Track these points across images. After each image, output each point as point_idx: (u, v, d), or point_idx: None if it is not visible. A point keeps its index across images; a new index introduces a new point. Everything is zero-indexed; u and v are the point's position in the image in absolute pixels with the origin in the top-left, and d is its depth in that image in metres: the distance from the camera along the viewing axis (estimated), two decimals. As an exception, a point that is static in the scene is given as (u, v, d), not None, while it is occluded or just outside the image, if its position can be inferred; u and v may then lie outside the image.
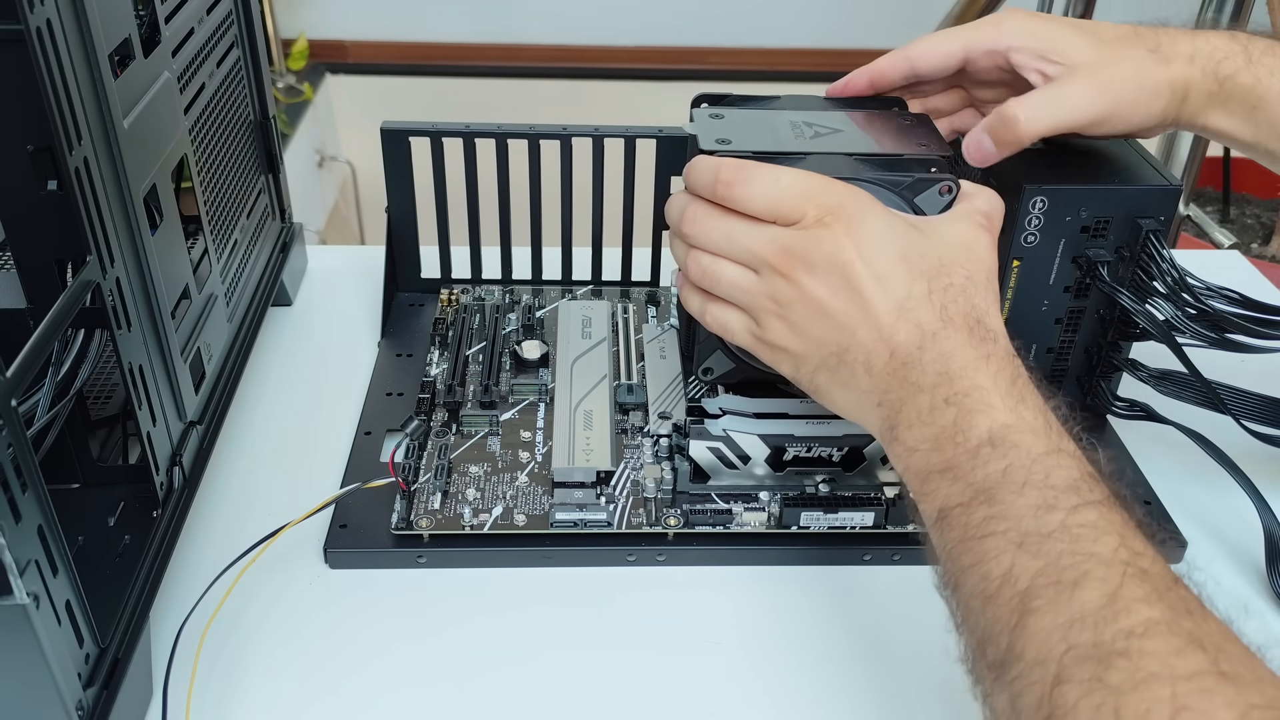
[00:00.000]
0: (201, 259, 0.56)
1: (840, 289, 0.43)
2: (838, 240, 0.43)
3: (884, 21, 2.22)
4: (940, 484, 0.40)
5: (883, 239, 0.44)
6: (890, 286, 0.43)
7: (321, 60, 2.25)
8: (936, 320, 0.43)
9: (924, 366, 0.42)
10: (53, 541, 0.37)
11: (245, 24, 0.64)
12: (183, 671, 0.46)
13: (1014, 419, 0.40)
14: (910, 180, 0.48)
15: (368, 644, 0.49)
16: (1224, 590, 0.53)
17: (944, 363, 0.42)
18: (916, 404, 0.42)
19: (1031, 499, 0.37)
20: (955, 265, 0.44)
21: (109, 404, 0.54)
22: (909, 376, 0.42)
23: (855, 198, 0.45)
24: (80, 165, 0.41)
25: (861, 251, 0.43)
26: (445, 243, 0.71)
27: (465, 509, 0.53)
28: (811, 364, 0.46)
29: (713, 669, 0.49)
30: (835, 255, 0.43)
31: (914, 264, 0.44)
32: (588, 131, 0.67)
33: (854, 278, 0.43)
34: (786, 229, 0.45)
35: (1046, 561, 0.35)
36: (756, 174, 0.45)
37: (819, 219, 0.44)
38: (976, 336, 0.42)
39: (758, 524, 0.54)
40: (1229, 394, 0.55)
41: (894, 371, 0.43)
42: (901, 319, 0.43)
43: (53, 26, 0.38)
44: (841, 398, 0.45)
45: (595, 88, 2.28)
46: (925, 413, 0.41)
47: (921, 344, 0.42)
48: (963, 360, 0.41)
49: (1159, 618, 0.33)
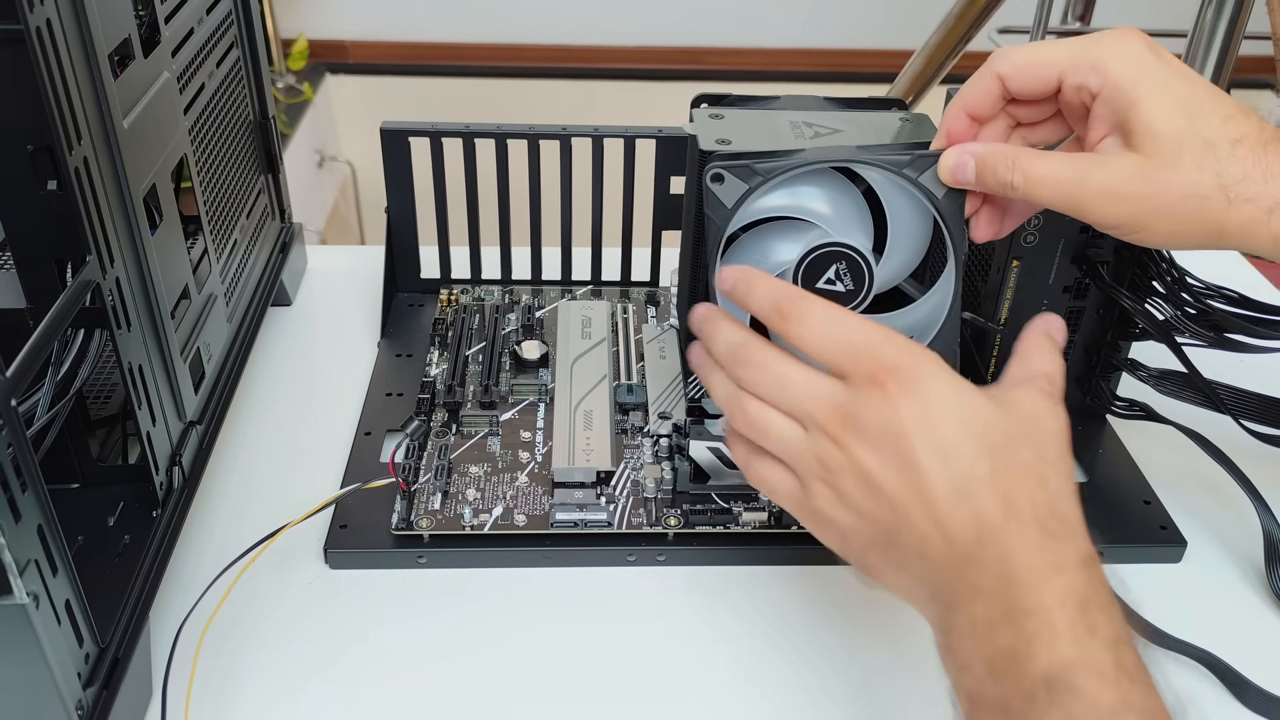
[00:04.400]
0: (201, 259, 0.56)
1: (892, 461, 0.38)
2: (893, 404, 0.38)
3: (884, 22, 2.23)
4: (990, 717, 0.36)
5: (943, 406, 0.38)
6: (950, 463, 0.37)
7: (321, 60, 2.25)
8: (999, 510, 0.37)
9: (984, 566, 0.36)
10: (52, 541, 0.37)
11: (245, 24, 0.64)
12: (182, 671, 0.46)
13: (1079, 654, 0.34)
14: (909, 158, 0.45)
15: (368, 644, 0.49)
16: (1224, 590, 0.54)
17: (1006, 566, 0.36)
18: (972, 611, 0.36)
19: None
20: (1023, 440, 0.38)
21: (109, 404, 0.54)
22: (967, 576, 0.37)
23: (916, 357, 0.39)
24: (80, 165, 0.41)
25: (919, 420, 0.38)
26: (445, 243, 0.71)
27: (465, 509, 0.53)
28: (861, 541, 0.40)
29: (712, 669, 0.49)
30: (889, 422, 0.38)
31: (979, 439, 0.38)
32: (587, 131, 0.67)
33: (908, 450, 0.38)
34: (842, 385, 0.40)
35: None
36: (814, 309, 0.41)
37: (872, 377, 0.39)
38: (1047, 533, 0.36)
39: (758, 524, 0.54)
40: (1228, 394, 0.55)
41: (950, 566, 0.37)
42: (960, 503, 0.37)
43: (52, 26, 0.38)
44: (894, 580, 0.40)
45: (595, 88, 2.29)
46: (981, 625, 0.36)
47: (981, 538, 0.37)
48: (1028, 567, 0.36)
49: None
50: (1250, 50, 1.13)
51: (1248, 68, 1.22)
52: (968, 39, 1.28)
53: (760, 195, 0.47)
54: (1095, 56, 0.42)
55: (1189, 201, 0.41)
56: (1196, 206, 0.41)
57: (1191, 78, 0.42)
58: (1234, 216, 0.41)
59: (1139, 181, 0.41)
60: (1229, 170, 0.41)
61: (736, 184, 0.46)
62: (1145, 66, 0.42)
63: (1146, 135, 0.41)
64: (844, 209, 0.48)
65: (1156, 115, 0.41)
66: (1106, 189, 0.42)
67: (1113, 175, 0.42)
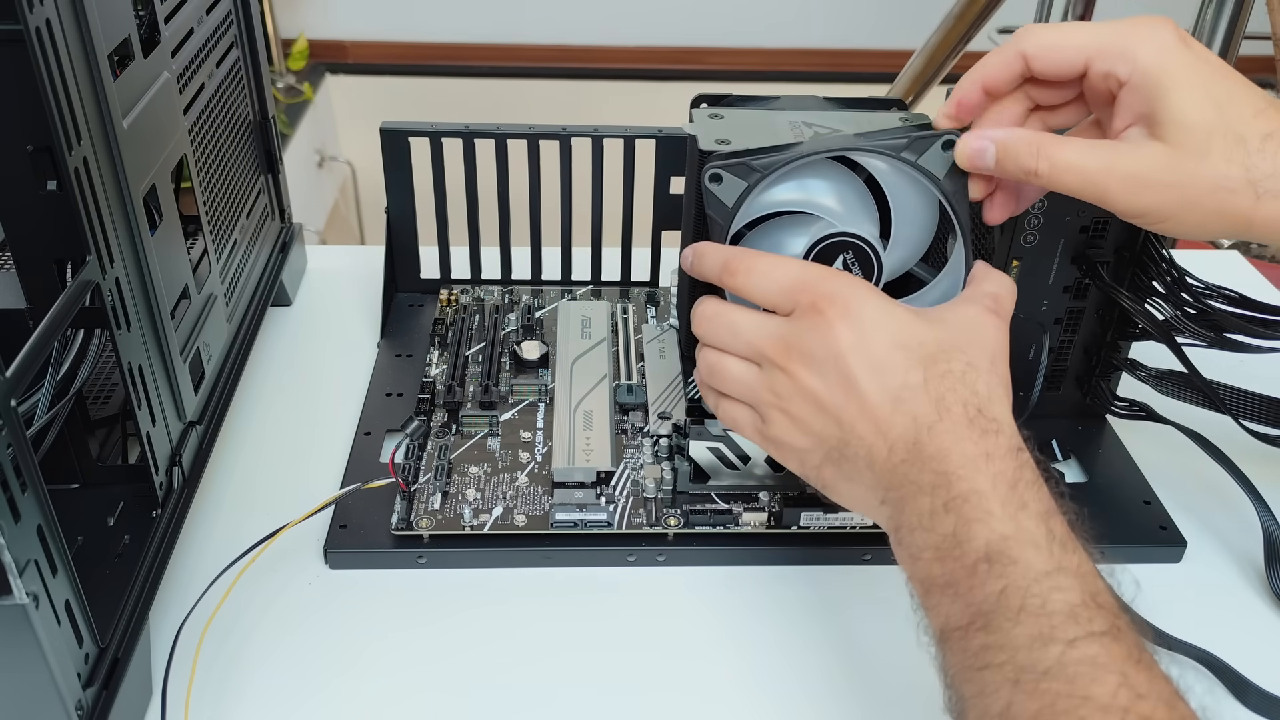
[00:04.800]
0: (201, 259, 0.56)
1: (835, 380, 0.42)
2: (831, 328, 0.42)
3: (884, 22, 2.23)
4: (941, 600, 0.38)
5: (878, 326, 0.42)
6: (885, 376, 0.41)
7: (321, 60, 2.25)
8: (932, 411, 0.40)
9: (922, 464, 0.40)
10: (52, 541, 0.37)
11: (245, 24, 0.64)
12: (182, 671, 0.46)
13: (1013, 529, 0.37)
14: (906, 141, 0.45)
15: (367, 644, 0.49)
16: (1224, 590, 0.54)
17: (942, 460, 0.39)
18: (918, 506, 0.39)
19: (1028, 628, 0.35)
20: (955, 351, 0.42)
21: (109, 404, 0.54)
22: (909, 474, 0.40)
23: (851, 286, 0.43)
24: (80, 165, 0.41)
25: (855, 340, 0.41)
26: (445, 243, 0.71)
27: (465, 509, 0.53)
28: (816, 458, 0.44)
29: (713, 669, 0.49)
30: (828, 345, 0.42)
31: (911, 351, 0.41)
32: (587, 131, 0.67)
33: (847, 368, 0.41)
34: (785, 320, 0.43)
35: (1042, 704, 0.34)
36: (757, 261, 0.45)
37: (813, 305, 0.42)
38: (977, 429, 0.40)
39: (758, 524, 0.54)
40: (1228, 394, 0.55)
41: (894, 468, 0.41)
42: (897, 410, 0.41)
43: (52, 26, 0.38)
44: (848, 492, 0.44)
45: (595, 88, 2.29)
46: (926, 517, 0.39)
47: (917, 438, 0.40)
48: (961, 458, 0.39)
49: None
50: (1250, 50, 1.13)
51: (1248, 68, 1.21)
52: (968, 39, 1.28)
53: (761, 191, 0.47)
54: (1125, 43, 0.42)
55: (1217, 194, 0.41)
56: (1224, 200, 0.41)
57: (1224, 70, 0.42)
58: (1263, 211, 0.41)
59: (1166, 171, 0.41)
60: (1259, 165, 0.40)
61: (735, 182, 0.46)
62: (1176, 56, 0.41)
63: (1175, 125, 0.41)
64: (847, 198, 0.48)
65: (1186, 105, 0.41)
66: (1132, 177, 0.41)
67: (1139, 164, 0.41)
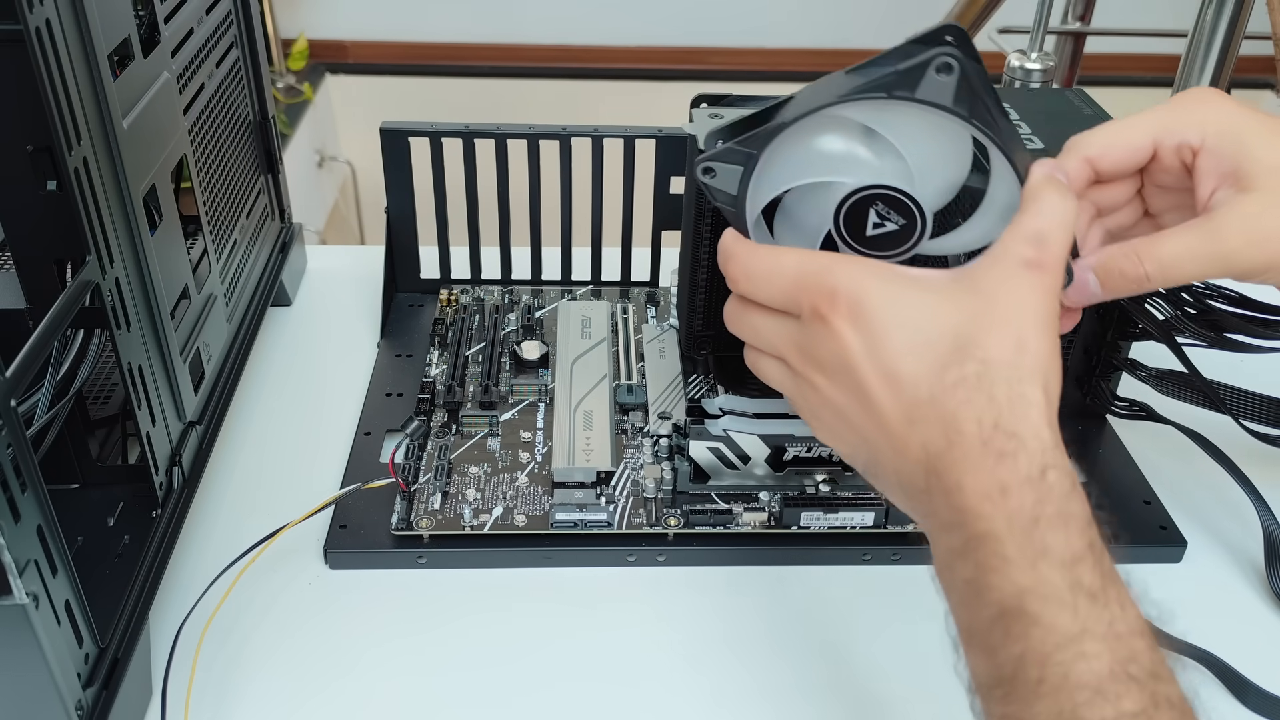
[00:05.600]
0: (201, 259, 0.56)
1: (852, 394, 0.37)
2: (839, 336, 0.37)
3: (884, 22, 2.23)
4: (969, 651, 0.35)
5: (887, 327, 0.36)
6: (898, 389, 0.36)
7: (321, 60, 2.25)
8: (942, 436, 0.35)
9: (941, 496, 0.35)
10: (52, 541, 0.37)
11: (245, 24, 0.64)
12: (182, 671, 0.46)
13: (1032, 580, 0.33)
14: (893, 74, 0.38)
15: (367, 644, 0.49)
16: (1224, 590, 0.54)
17: (958, 494, 0.34)
18: (941, 544, 0.36)
19: (1048, 705, 0.32)
20: (971, 346, 0.35)
21: (109, 404, 0.54)
22: (931, 506, 0.36)
23: (853, 279, 0.37)
24: (79, 165, 0.41)
25: (864, 347, 0.36)
26: (445, 243, 0.71)
27: (465, 509, 0.53)
28: (860, 466, 0.40)
29: (713, 669, 0.49)
30: (838, 355, 0.37)
31: (921, 356, 0.36)
32: (587, 131, 0.67)
33: (860, 381, 0.37)
34: (796, 324, 0.39)
35: None
36: (752, 262, 0.40)
37: (815, 309, 0.37)
38: (992, 452, 0.34)
39: (758, 524, 0.54)
40: (1229, 394, 0.55)
41: (917, 496, 0.37)
42: (912, 432, 0.36)
43: (52, 26, 0.38)
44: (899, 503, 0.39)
45: (595, 88, 2.29)
46: (949, 556, 0.35)
47: (931, 469, 0.35)
48: (974, 493, 0.34)
49: None
50: (1250, 50, 1.13)
51: (1248, 68, 1.21)
52: (968, 39, 1.28)
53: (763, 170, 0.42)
54: (1188, 114, 0.43)
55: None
56: None
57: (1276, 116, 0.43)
58: None
59: (1273, 216, 0.40)
60: None
61: (730, 170, 0.42)
62: (1238, 110, 0.42)
63: (1264, 170, 0.41)
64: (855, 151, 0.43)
65: (1268, 147, 0.41)
66: (1245, 234, 0.41)
67: (1245, 219, 0.41)
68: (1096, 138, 0.43)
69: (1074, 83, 1.39)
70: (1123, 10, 1.56)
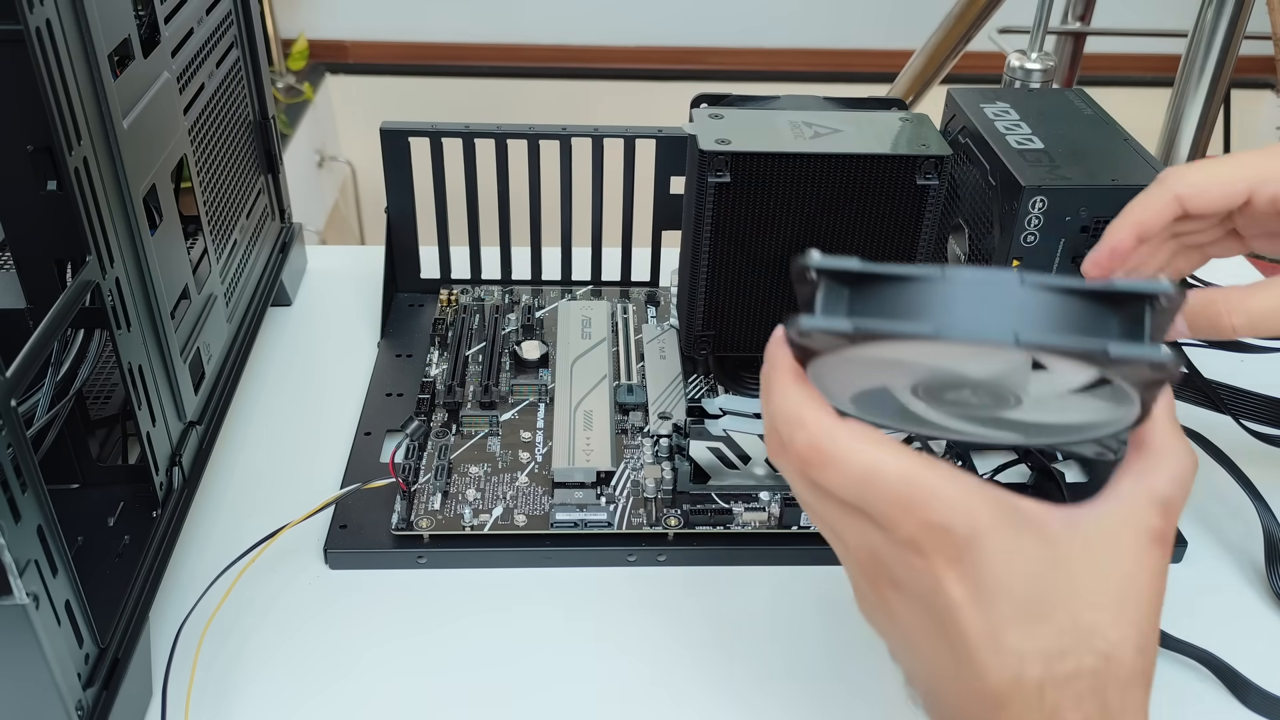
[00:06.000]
0: (201, 259, 0.56)
1: (936, 633, 0.32)
2: (937, 577, 0.31)
3: (884, 22, 2.23)
4: None
5: (999, 581, 0.31)
6: (1001, 660, 0.31)
7: (321, 60, 2.25)
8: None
9: None
10: (52, 541, 0.37)
11: (245, 24, 0.64)
12: (182, 671, 0.46)
13: None
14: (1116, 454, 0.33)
15: (367, 645, 0.49)
16: (1224, 590, 0.54)
17: None
18: None
19: None
20: (1095, 633, 0.31)
21: (109, 404, 0.54)
22: None
23: (968, 519, 0.31)
24: (80, 165, 0.41)
25: (970, 599, 0.31)
26: (445, 243, 0.71)
27: (465, 509, 0.53)
28: (912, 683, 0.36)
29: (713, 669, 0.49)
30: (930, 598, 0.32)
31: (1036, 628, 0.31)
32: (587, 131, 0.67)
33: (959, 626, 0.31)
34: (876, 530, 0.32)
35: None
36: (835, 446, 0.32)
37: (912, 539, 0.31)
38: None
39: (758, 524, 0.54)
40: (1228, 394, 0.55)
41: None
42: (998, 712, 0.31)
43: (52, 26, 0.38)
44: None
45: (595, 88, 2.29)
46: None
47: None
48: None
49: None
50: (1250, 50, 1.13)
51: (1248, 68, 1.22)
52: (968, 39, 1.28)
53: None
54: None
55: None
56: None
57: None
58: None
59: None
60: None
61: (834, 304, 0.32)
62: None
63: None
64: None
65: None
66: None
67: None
68: (1191, 175, 0.42)
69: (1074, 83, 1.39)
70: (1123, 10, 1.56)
